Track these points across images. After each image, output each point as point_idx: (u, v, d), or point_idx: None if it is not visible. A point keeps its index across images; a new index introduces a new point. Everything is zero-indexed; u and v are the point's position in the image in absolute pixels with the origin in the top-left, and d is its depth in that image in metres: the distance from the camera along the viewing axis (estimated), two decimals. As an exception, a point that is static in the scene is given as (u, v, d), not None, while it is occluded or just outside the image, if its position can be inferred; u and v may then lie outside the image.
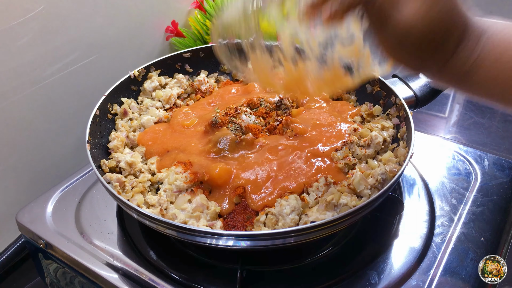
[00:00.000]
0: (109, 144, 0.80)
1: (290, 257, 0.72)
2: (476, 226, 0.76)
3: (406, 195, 0.83)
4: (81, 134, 0.75)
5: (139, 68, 0.93)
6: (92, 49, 1.01)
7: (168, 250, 0.74)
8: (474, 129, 1.32)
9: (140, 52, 1.15)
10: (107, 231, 0.77)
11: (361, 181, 0.67)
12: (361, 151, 0.75)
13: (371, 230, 0.76)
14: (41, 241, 0.76)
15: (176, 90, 0.94)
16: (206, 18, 1.19)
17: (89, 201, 0.83)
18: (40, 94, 0.93)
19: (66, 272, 0.76)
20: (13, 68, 0.86)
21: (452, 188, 0.84)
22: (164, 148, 0.79)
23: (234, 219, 0.68)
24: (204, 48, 1.01)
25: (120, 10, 1.04)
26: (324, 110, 0.87)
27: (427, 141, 0.97)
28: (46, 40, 0.90)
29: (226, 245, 0.60)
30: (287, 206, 0.65)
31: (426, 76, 0.51)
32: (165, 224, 0.59)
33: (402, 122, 0.79)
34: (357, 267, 0.69)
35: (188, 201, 0.69)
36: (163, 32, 1.19)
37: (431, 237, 0.74)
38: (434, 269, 0.68)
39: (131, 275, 0.69)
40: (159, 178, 0.74)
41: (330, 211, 0.64)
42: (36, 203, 0.82)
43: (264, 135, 0.81)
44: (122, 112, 0.87)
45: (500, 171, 0.88)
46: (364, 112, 0.86)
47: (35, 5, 0.85)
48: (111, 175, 0.72)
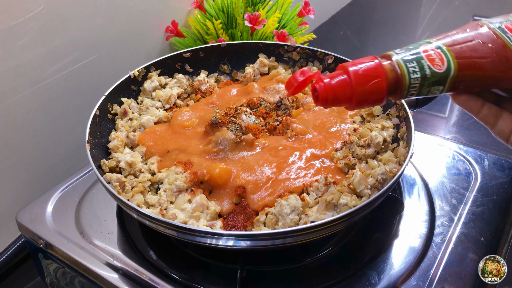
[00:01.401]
0: (109, 144, 0.80)
1: (290, 257, 0.72)
2: (476, 226, 0.76)
3: (406, 195, 0.83)
4: (81, 134, 0.75)
5: (139, 68, 0.93)
6: (92, 49, 1.01)
7: (168, 250, 0.74)
8: (474, 129, 1.32)
9: (140, 52, 1.15)
10: (107, 231, 0.77)
11: (361, 181, 0.67)
12: (361, 151, 0.75)
13: (371, 230, 0.76)
14: (41, 241, 0.76)
15: (176, 90, 0.94)
16: (206, 18, 1.19)
17: (89, 201, 0.83)
18: (40, 94, 0.93)
19: (66, 272, 0.76)
20: (13, 68, 0.86)
21: (452, 188, 0.84)
22: (164, 148, 0.79)
23: (234, 219, 0.68)
24: (204, 48, 1.01)
25: (120, 10, 1.04)
26: (324, 110, 0.87)
27: (427, 141, 0.97)
28: (46, 40, 0.90)
29: (226, 245, 0.60)
30: (287, 206, 0.65)
31: None
32: (165, 224, 0.59)
33: (402, 122, 0.79)
34: (357, 267, 0.69)
35: (188, 201, 0.69)
36: (163, 32, 1.19)
37: (431, 237, 0.74)
38: (434, 269, 0.68)
39: (131, 275, 0.69)
40: (159, 178, 0.74)
41: (330, 211, 0.64)
42: (36, 203, 0.82)
43: (264, 136, 0.81)
44: (122, 112, 0.87)
45: (500, 171, 0.88)
46: (364, 112, 0.86)
47: (35, 5, 0.85)
48: (111, 175, 0.72)
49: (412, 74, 0.49)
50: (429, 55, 0.49)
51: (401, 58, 0.50)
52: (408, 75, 0.49)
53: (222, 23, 1.16)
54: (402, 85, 0.50)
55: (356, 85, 0.50)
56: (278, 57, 1.02)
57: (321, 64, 0.99)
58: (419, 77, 0.49)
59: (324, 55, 0.97)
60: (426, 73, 0.49)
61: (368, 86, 0.50)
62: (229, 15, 1.18)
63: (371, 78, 0.50)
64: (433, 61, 0.49)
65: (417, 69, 0.49)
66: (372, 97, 0.51)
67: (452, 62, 0.49)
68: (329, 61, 0.96)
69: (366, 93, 0.50)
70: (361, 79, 0.50)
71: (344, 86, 0.51)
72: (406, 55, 0.50)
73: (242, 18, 1.14)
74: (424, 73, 0.49)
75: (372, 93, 0.50)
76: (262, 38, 1.18)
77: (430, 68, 0.49)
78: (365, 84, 0.50)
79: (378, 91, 0.50)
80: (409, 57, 0.50)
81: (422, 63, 0.49)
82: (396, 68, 0.49)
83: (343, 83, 0.51)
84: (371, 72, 0.50)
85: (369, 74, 0.50)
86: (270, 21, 1.14)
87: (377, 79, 0.50)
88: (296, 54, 1.00)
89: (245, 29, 1.17)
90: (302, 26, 1.26)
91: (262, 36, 1.18)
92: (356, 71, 0.50)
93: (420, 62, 0.49)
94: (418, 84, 0.49)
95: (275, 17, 1.15)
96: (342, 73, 0.52)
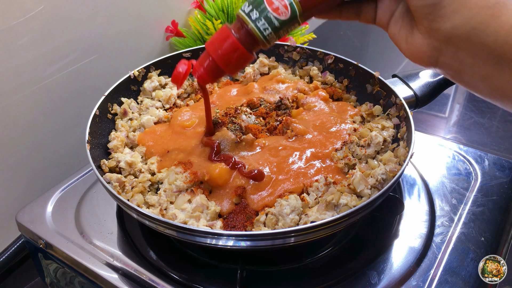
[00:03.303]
0: (109, 144, 0.80)
1: (290, 257, 0.72)
2: (476, 226, 0.76)
3: (406, 195, 0.83)
4: (81, 134, 0.74)
5: (139, 68, 0.93)
6: (92, 49, 1.01)
7: (168, 250, 0.74)
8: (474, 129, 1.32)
9: (140, 52, 1.15)
10: (107, 231, 0.77)
11: (361, 181, 0.67)
12: (361, 151, 0.75)
13: (371, 230, 0.76)
14: (41, 241, 0.76)
15: (176, 90, 0.94)
16: (206, 18, 1.19)
17: (89, 201, 0.83)
18: (40, 94, 0.93)
19: (66, 272, 0.76)
20: (13, 68, 0.86)
21: (452, 188, 0.84)
22: (164, 148, 0.79)
23: (234, 219, 0.68)
24: (204, 48, 1.01)
25: (120, 10, 1.04)
26: (324, 110, 0.87)
27: (427, 141, 0.97)
28: (46, 40, 0.90)
29: (226, 245, 0.60)
30: (287, 206, 0.65)
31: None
32: (165, 224, 0.59)
33: (402, 122, 0.79)
34: (357, 267, 0.69)
35: (188, 201, 0.68)
36: (163, 32, 1.19)
37: (431, 237, 0.74)
38: (434, 269, 0.68)
39: (131, 275, 0.69)
40: (159, 178, 0.74)
41: (330, 211, 0.64)
42: (36, 203, 0.82)
43: (264, 136, 0.80)
44: (122, 112, 0.87)
45: (500, 171, 0.88)
46: (364, 112, 0.86)
47: (35, 5, 0.85)
48: (111, 175, 0.72)
49: (264, 31, 0.54)
50: (272, 4, 0.52)
51: (251, 21, 0.54)
52: (261, 33, 0.54)
53: (222, 23, 1.16)
54: (261, 42, 0.55)
55: (222, 64, 0.58)
56: (278, 57, 1.02)
57: (321, 64, 0.99)
58: (271, 31, 0.54)
59: (324, 55, 0.97)
60: (276, 25, 0.53)
61: (233, 59, 0.57)
62: (229, 15, 1.18)
63: (232, 53, 0.57)
64: (277, 10, 0.52)
65: (267, 25, 0.53)
66: (240, 62, 0.58)
67: (294, 3, 0.52)
68: (329, 61, 0.96)
69: (233, 63, 0.58)
70: (224, 58, 0.57)
71: (213, 67, 0.59)
72: (254, 14, 0.54)
73: (242, 18, 1.14)
74: (274, 26, 0.53)
75: (238, 60, 0.58)
76: (262, 38, 1.18)
77: (278, 18, 0.53)
78: (230, 59, 0.57)
79: (243, 58, 0.57)
80: (256, 16, 0.53)
81: (270, 17, 0.53)
82: (250, 33, 0.54)
83: (212, 66, 0.59)
84: (229, 49, 0.56)
85: (228, 51, 0.57)
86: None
87: (237, 52, 0.56)
88: (296, 54, 1.00)
89: (245, 29, 1.17)
90: (302, 26, 1.26)
91: (262, 36, 1.18)
92: (217, 54, 0.58)
93: (268, 17, 0.53)
94: (273, 35, 0.54)
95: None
96: (208, 56, 0.59)
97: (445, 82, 0.87)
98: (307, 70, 0.99)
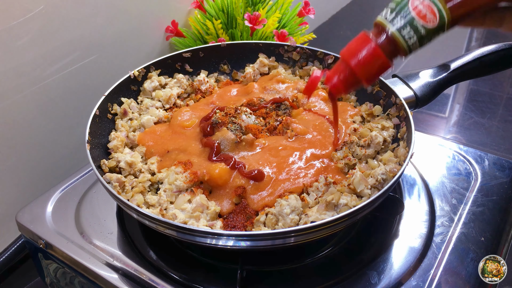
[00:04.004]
0: (109, 144, 0.80)
1: (290, 257, 0.72)
2: (476, 226, 0.76)
3: (406, 195, 0.83)
4: (81, 134, 0.74)
5: (139, 68, 0.93)
6: (92, 49, 1.01)
7: (168, 250, 0.74)
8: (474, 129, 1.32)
9: (140, 52, 1.15)
10: (107, 231, 0.77)
11: (361, 181, 0.67)
12: (361, 151, 0.75)
13: (371, 230, 0.76)
14: (41, 241, 0.76)
15: (176, 90, 0.94)
16: (206, 18, 1.19)
17: (89, 201, 0.83)
18: (40, 94, 0.93)
19: (66, 272, 0.76)
20: (13, 68, 0.86)
21: (452, 188, 0.84)
22: (164, 148, 0.79)
23: (234, 219, 0.68)
24: (204, 48, 1.01)
25: (120, 10, 1.04)
26: (324, 110, 0.87)
27: (427, 141, 0.97)
28: (46, 40, 0.90)
29: (226, 245, 0.60)
30: (287, 206, 0.65)
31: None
32: (165, 224, 0.59)
33: (402, 122, 0.79)
34: (357, 267, 0.69)
35: (188, 201, 0.69)
36: (163, 32, 1.19)
37: (431, 237, 0.74)
38: (434, 269, 0.68)
39: (131, 275, 0.69)
40: (159, 178, 0.74)
41: (330, 211, 0.64)
42: (36, 203, 0.82)
43: (264, 136, 0.81)
44: (122, 112, 0.87)
45: (500, 171, 0.88)
46: (364, 112, 0.86)
47: (35, 5, 0.85)
48: (111, 175, 0.72)
49: (409, 40, 0.49)
50: (419, 11, 0.48)
51: (396, 29, 0.50)
52: (406, 43, 0.50)
53: (222, 23, 1.16)
54: (403, 51, 0.51)
55: (362, 73, 0.52)
56: (278, 57, 1.02)
57: (321, 64, 0.99)
58: (416, 40, 0.49)
59: (324, 55, 0.97)
60: (422, 33, 0.49)
61: (374, 69, 0.52)
62: (229, 15, 1.18)
63: (373, 63, 0.51)
64: (425, 17, 0.48)
65: (412, 33, 0.49)
66: (380, 71, 0.53)
67: (444, 10, 0.48)
68: (329, 61, 0.96)
69: (374, 73, 0.53)
70: (363, 67, 0.52)
71: (349, 77, 0.54)
72: (398, 21, 0.49)
73: (242, 18, 1.14)
74: (420, 34, 0.49)
75: (379, 70, 0.53)
76: (262, 38, 1.18)
77: (425, 27, 0.49)
78: (370, 69, 0.52)
79: (383, 67, 0.52)
80: (401, 24, 0.49)
81: (416, 25, 0.48)
82: (393, 41, 0.50)
83: (348, 76, 0.53)
84: (371, 58, 0.51)
85: (369, 60, 0.51)
86: (270, 21, 1.14)
87: (379, 61, 0.51)
88: (296, 54, 1.00)
89: (245, 29, 1.17)
90: (302, 26, 1.26)
91: (262, 36, 1.18)
92: (358, 63, 0.52)
93: (414, 25, 0.49)
94: (417, 44, 0.50)
95: (275, 17, 1.15)
96: (344, 65, 0.54)
97: (445, 82, 0.86)
98: (307, 70, 0.99)
